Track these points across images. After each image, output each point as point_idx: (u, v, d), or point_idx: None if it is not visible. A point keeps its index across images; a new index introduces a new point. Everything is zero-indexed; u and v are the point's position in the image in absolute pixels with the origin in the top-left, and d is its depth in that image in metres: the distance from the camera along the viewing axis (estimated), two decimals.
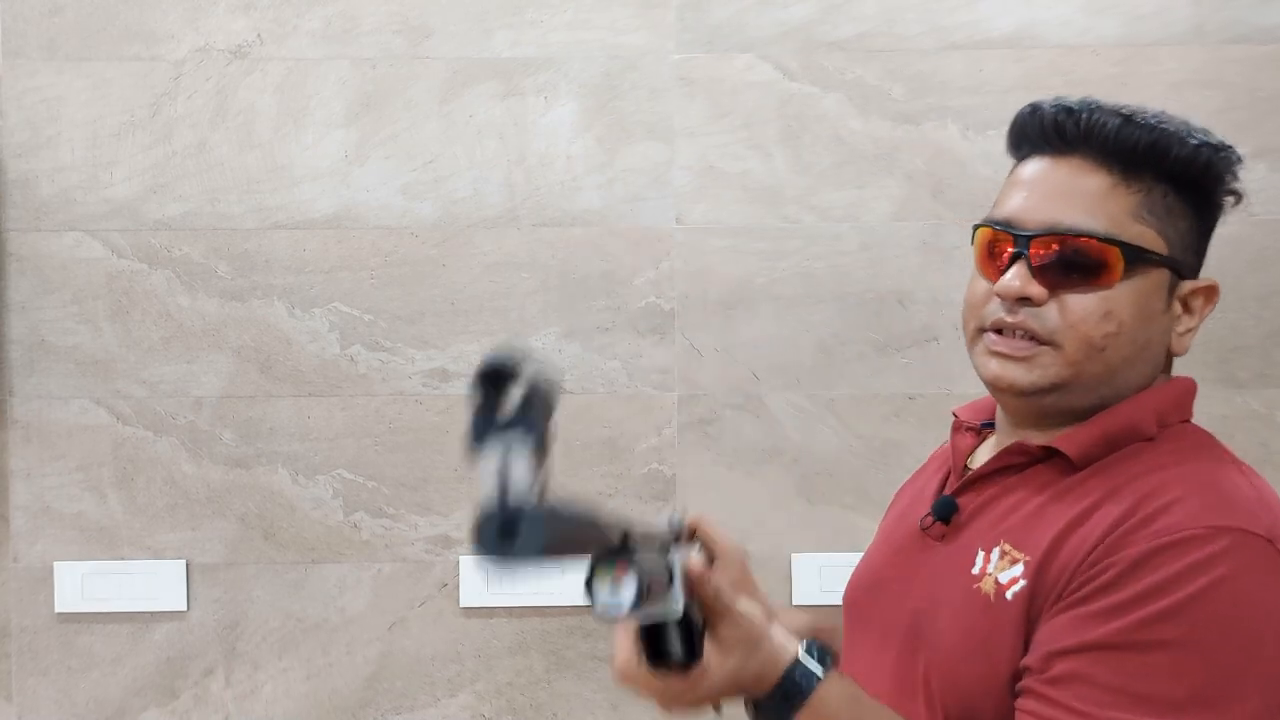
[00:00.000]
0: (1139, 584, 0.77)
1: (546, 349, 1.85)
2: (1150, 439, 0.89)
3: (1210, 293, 0.92)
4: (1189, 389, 0.96)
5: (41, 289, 1.84)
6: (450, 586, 1.84)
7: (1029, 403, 0.90)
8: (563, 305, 1.84)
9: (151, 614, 1.84)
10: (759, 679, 0.81)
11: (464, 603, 1.83)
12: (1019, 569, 0.85)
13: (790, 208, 1.84)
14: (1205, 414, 1.85)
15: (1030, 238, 0.87)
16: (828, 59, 1.84)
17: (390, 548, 1.84)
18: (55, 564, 1.83)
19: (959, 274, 1.88)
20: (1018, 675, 0.83)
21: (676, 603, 0.78)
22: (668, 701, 0.83)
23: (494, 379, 0.70)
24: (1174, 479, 0.83)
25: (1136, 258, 0.86)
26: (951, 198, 1.83)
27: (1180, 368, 1.89)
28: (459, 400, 1.84)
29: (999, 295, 0.88)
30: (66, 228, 1.84)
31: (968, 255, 1.91)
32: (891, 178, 1.83)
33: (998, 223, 0.90)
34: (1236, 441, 1.82)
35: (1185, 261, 0.91)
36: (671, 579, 0.79)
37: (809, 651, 0.84)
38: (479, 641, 1.84)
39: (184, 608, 1.84)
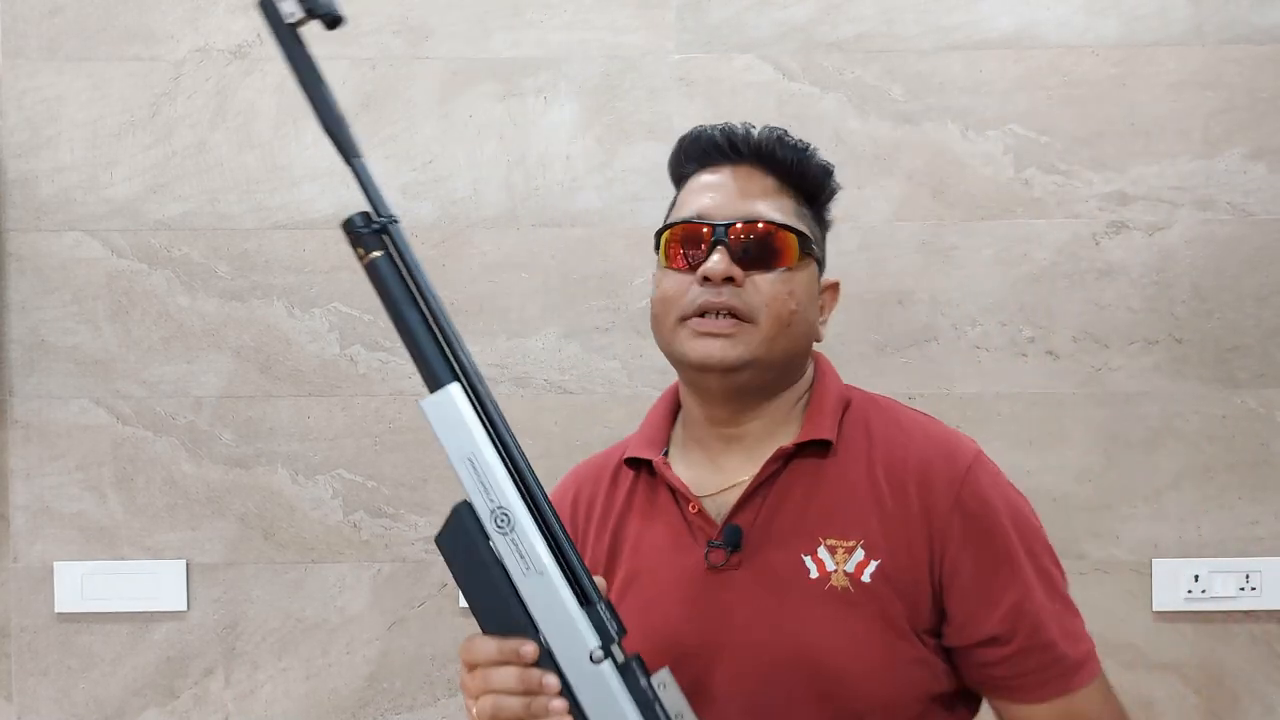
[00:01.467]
0: (996, 526, 0.95)
1: (546, 349, 1.85)
2: (848, 407, 1.04)
3: (835, 289, 1.07)
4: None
5: (41, 289, 1.84)
6: (450, 586, 1.84)
7: (731, 380, 0.98)
8: (562, 305, 1.85)
9: (151, 614, 1.84)
10: None
11: (463, 603, 1.83)
12: (860, 553, 0.94)
13: None
14: (1204, 414, 1.86)
15: (728, 226, 0.97)
16: (827, 59, 1.84)
17: (390, 547, 1.84)
18: (55, 564, 1.83)
19: (959, 274, 1.89)
20: (905, 636, 0.94)
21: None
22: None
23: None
24: (911, 435, 1.00)
25: (805, 246, 1.00)
26: (951, 198, 1.83)
27: (1176, 364, 1.90)
28: None
29: (708, 277, 0.96)
30: (66, 228, 1.84)
31: (968, 255, 1.92)
32: (891, 178, 1.83)
33: (690, 220, 1.00)
34: (1235, 441, 1.83)
35: (822, 259, 1.05)
36: None
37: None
38: None
39: (184, 608, 1.84)
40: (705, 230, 0.98)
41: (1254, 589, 1.81)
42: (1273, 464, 1.83)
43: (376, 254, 0.90)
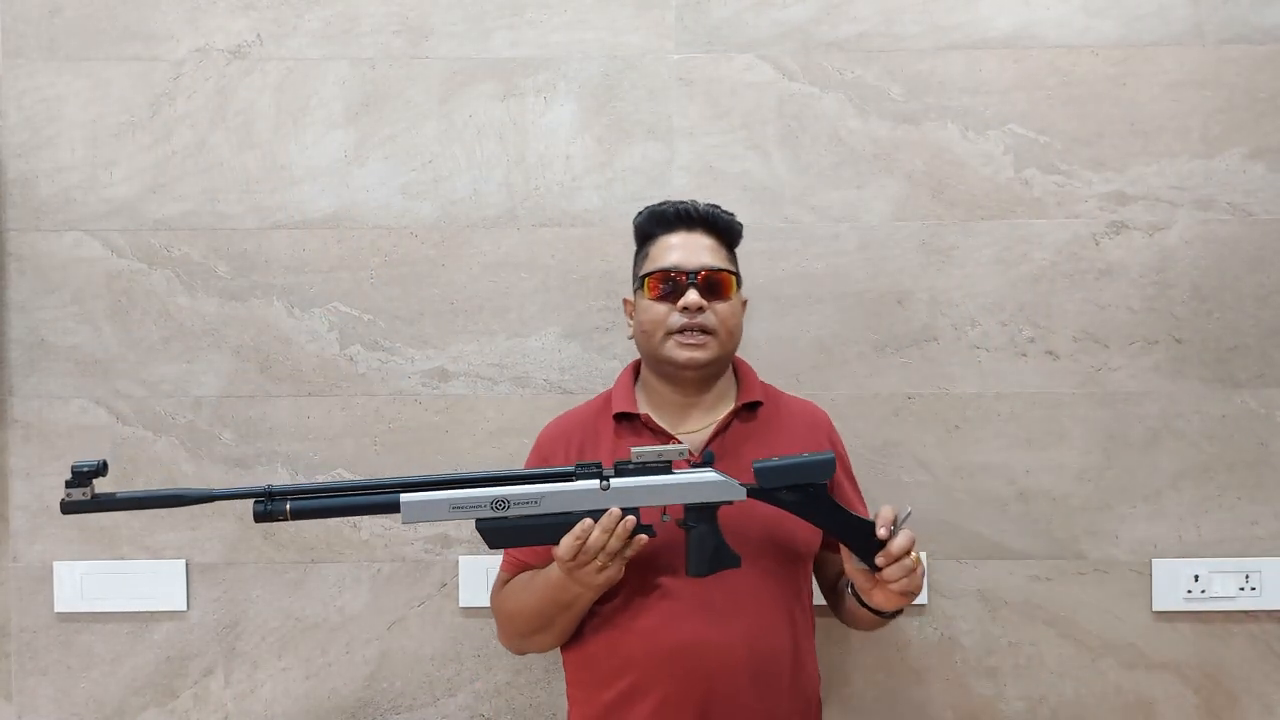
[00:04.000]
0: (846, 456, 1.63)
1: (546, 349, 1.85)
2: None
3: (745, 301, 1.56)
4: None
5: (41, 289, 1.84)
6: (449, 586, 1.84)
7: (700, 372, 1.47)
8: (563, 305, 1.85)
9: (151, 614, 1.84)
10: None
11: (463, 602, 1.83)
12: None
13: (789, 208, 1.84)
14: (1204, 413, 1.86)
15: (696, 273, 1.46)
16: (826, 59, 1.84)
17: (389, 547, 1.84)
18: (55, 564, 1.83)
19: (958, 274, 1.89)
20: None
21: None
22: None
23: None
24: (792, 400, 1.60)
25: (739, 281, 1.52)
26: (950, 198, 1.83)
27: (1176, 364, 1.90)
28: (458, 400, 1.84)
29: (687, 308, 1.44)
30: (66, 227, 1.84)
31: (967, 255, 1.92)
32: (890, 178, 1.83)
33: (669, 269, 1.47)
34: (1234, 440, 1.84)
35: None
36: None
37: None
38: (478, 641, 1.84)
39: (184, 607, 1.84)
40: (682, 276, 1.46)
41: (1254, 589, 1.82)
42: (1272, 464, 1.83)
43: (287, 506, 1.29)
